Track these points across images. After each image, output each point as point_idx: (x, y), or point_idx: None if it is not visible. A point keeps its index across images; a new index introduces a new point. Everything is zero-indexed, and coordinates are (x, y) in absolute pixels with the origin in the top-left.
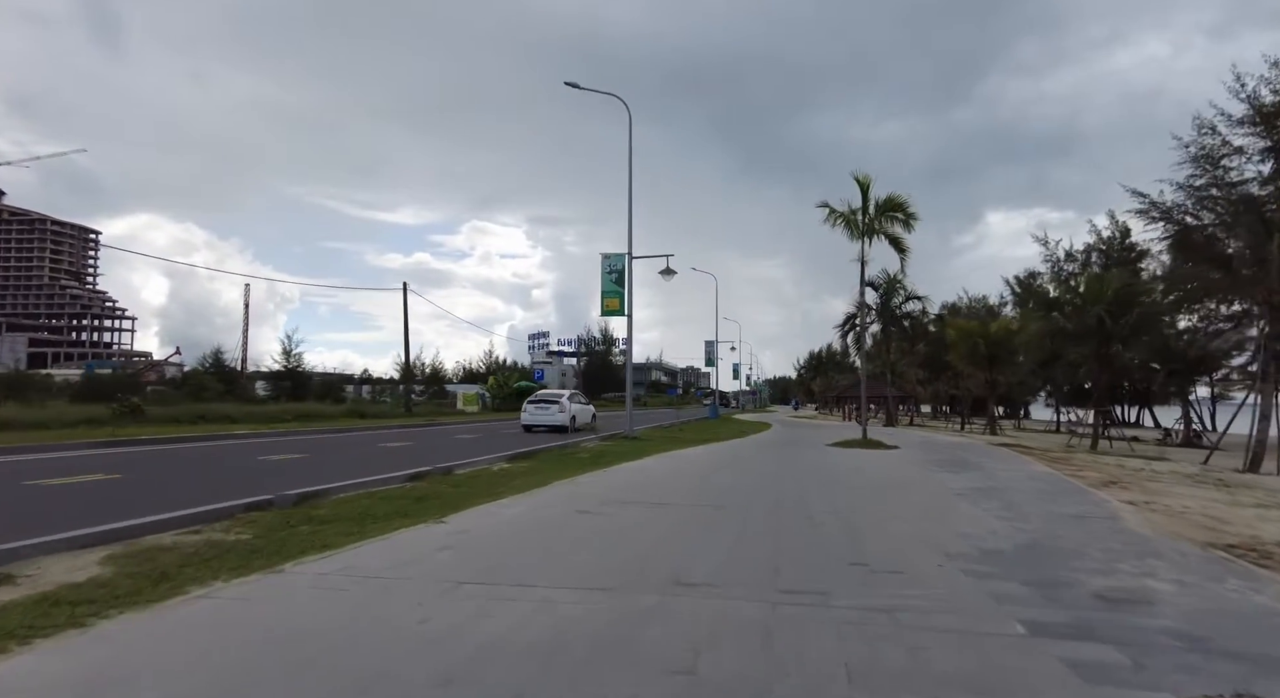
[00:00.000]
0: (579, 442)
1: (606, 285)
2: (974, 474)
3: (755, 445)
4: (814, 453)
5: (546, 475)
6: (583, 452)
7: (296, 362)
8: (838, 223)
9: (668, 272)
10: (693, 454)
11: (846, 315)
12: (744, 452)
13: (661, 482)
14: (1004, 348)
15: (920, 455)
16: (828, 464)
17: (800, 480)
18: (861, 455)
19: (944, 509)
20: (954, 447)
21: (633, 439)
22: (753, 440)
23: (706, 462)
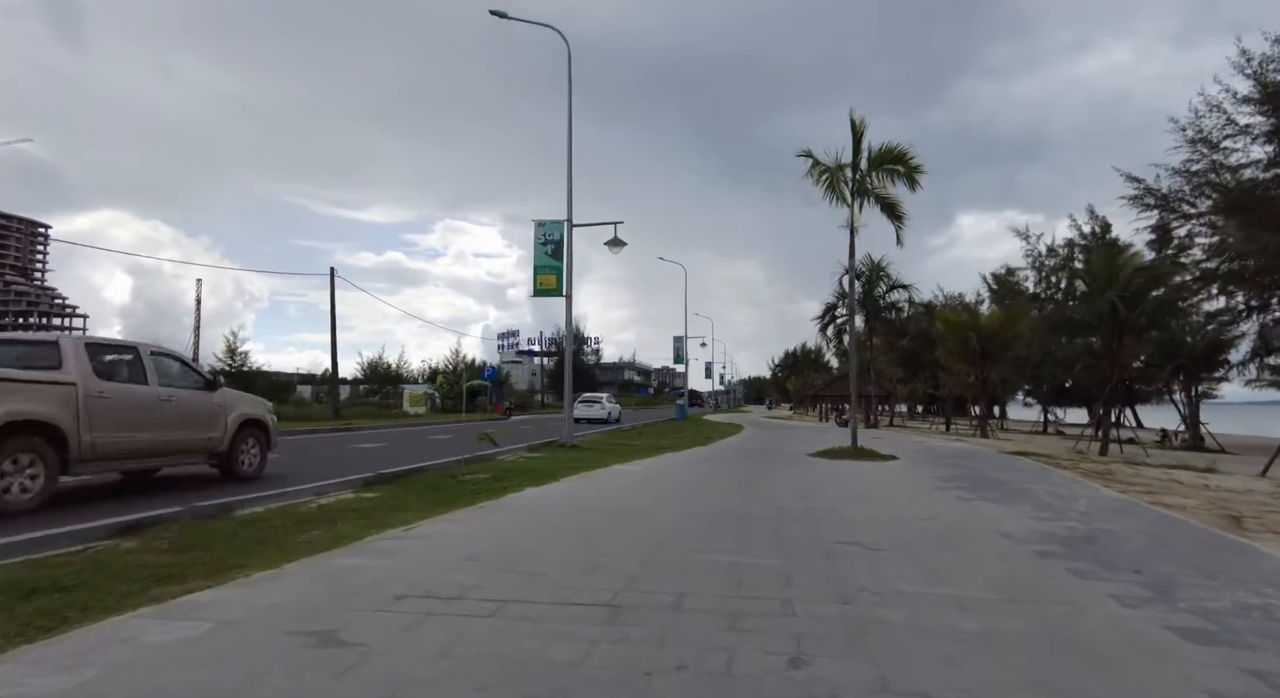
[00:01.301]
0: (495, 454)
1: (540, 259)
2: (1025, 505)
3: (720, 457)
4: (794, 470)
5: (361, 525)
6: (483, 471)
7: (242, 361)
8: (822, 180)
9: (616, 242)
10: (629, 473)
11: (826, 306)
12: (701, 469)
13: (541, 536)
14: (996, 342)
15: (930, 471)
16: (815, 491)
17: (778, 531)
18: (857, 472)
19: (1060, 609)
20: (962, 456)
21: (569, 449)
22: (719, 449)
23: (639, 489)
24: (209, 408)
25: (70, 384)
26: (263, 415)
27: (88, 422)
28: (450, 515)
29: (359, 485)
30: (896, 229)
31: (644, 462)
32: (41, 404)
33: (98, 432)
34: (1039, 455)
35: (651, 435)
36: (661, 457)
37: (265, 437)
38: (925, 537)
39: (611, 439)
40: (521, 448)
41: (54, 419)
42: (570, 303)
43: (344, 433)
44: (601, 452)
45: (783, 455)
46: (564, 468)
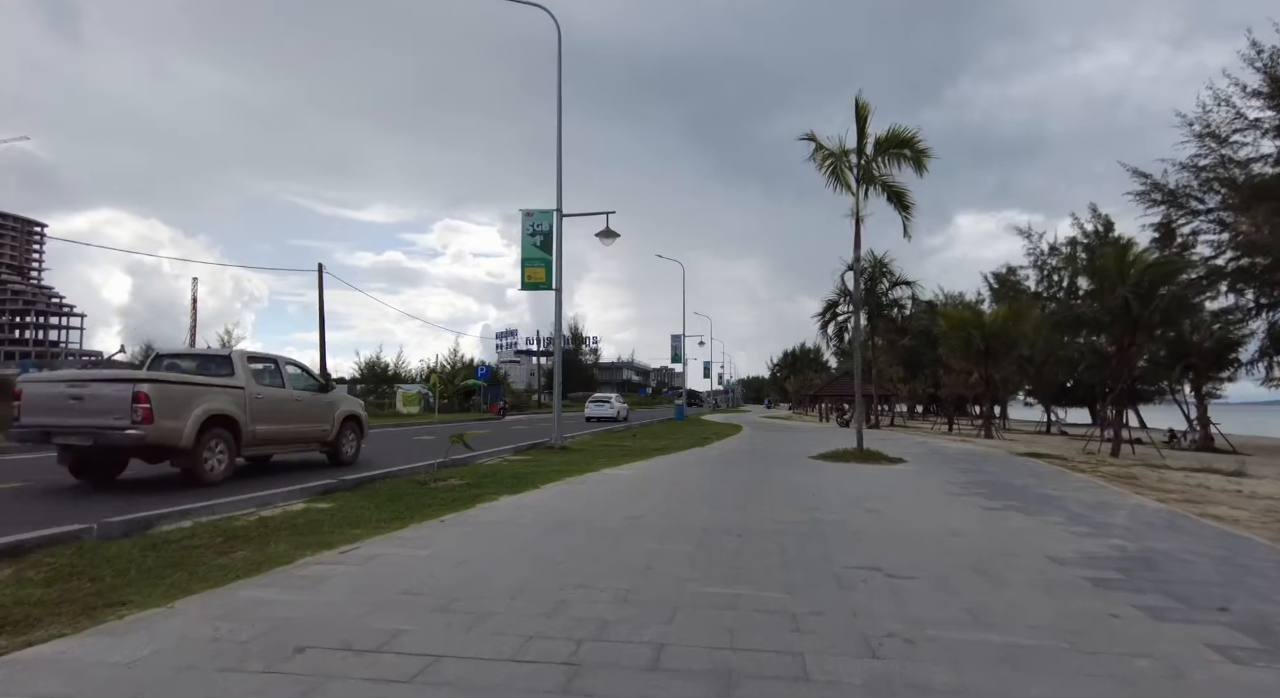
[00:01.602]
0: (475, 458)
1: (528, 250)
2: (1056, 516)
3: (716, 460)
4: (797, 475)
5: (296, 544)
6: (459, 477)
7: None
8: (825, 166)
9: (608, 233)
10: (617, 479)
11: (826, 303)
12: (696, 474)
13: (502, 561)
14: (1001, 340)
15: (944, 476)
16: (821, 500)
17: (781, 552)
18: (864, 477)
19: (1148, 666)
20: (974, 459)
21: (558, 451)
22: (716, 451)
23: (626, 498)
24: (323, 406)
25: (240, 388)
26: (359, 411)
27: (251, 416)
28: (404, 533)
29: (315, 494)
30: (904, 219)
31: (636, 465)
32: (226, 403)
33: (256, 424)
34: (1051, 457)
35: (647, 436)
36: (655, 460)
37: (360, 429)
38: (953, 559)
39: (605, 440)
40: (508, 450)
41: (233, 414)
42: (560, 296)
43: None
44: (592, 454)
45: (783, 458)
46: (548, 473)
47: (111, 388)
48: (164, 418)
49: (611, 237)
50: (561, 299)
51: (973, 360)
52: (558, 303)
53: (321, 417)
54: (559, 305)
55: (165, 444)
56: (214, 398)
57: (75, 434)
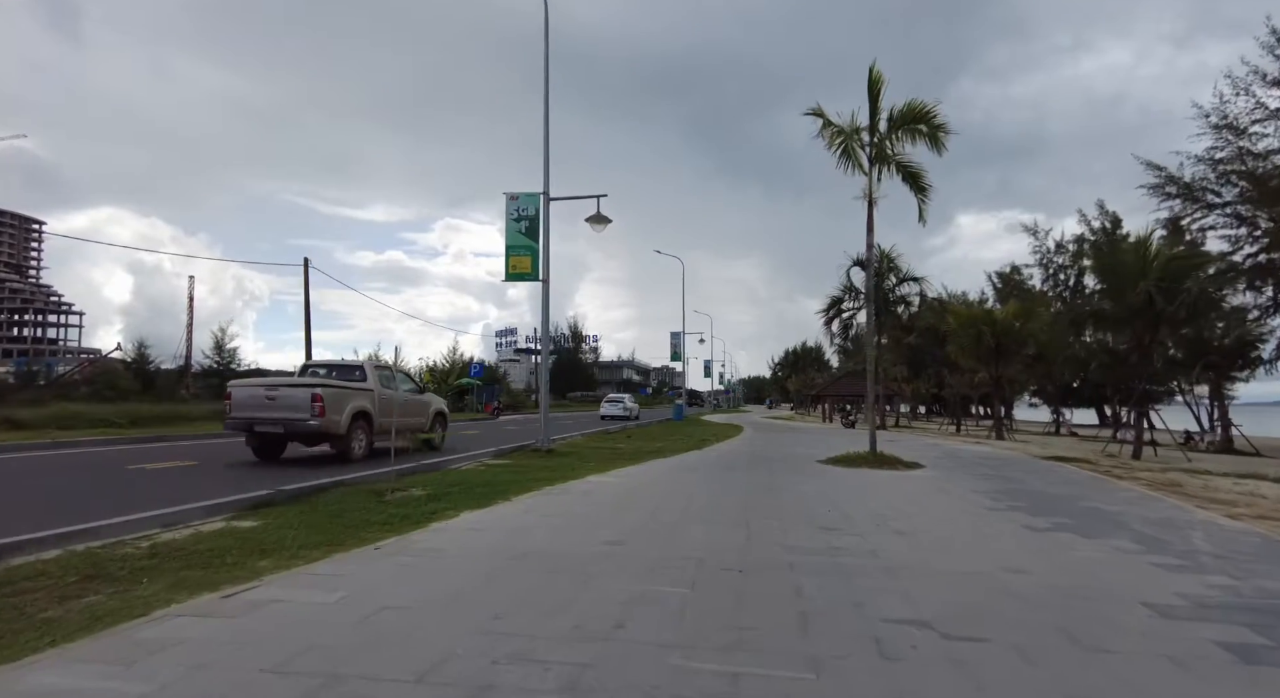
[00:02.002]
0: (450, 462)
1: (513, 237)
2: (1123, 540)
3: (716, 465)
4: (806, 484)
5: (175, 584)
6: (423, 485)
7: (230, 357)
8: (835, 144)
9: (599, 219)
10: (601, 489)
11: (831, 299)
12: (692, 483)
13: (426, 613)
14: (1013, 338)
15: (970, 484)
16: (839, 517)
17: (795, 596)
18: (883, 487)
19: None
20: (995, 464)
21: (543, 454)
22: (715, 454)
23: (606, 515)
24: (422, 403)
25: (371, 390)
26: (444, 408)
27: (378, 411)
28: (320, 566)
29: (243, 508)
30: (919, 202)
31: (626, 471)
32: (364, 402)
33: (381, 417)
34: (1077, 461)
35: (643, 437)
36: (648, 465)
37: (444, 421)
38: (1022, 609)
39: (597, 442)
40: (488, 453)
41: (369, 410)
42: (547, 288)
43: None
44: (580, 458)
45: (789, 463)
46: (526, 480)
47: (297, 391)
48: (331, 413)
49: (602, 222)
50: (549, 290)
51: (982, 359)
52: (545, 294)
53: (421, 412)
54: (546, 297)
55: (330, 432)
56: (358, 398)
57: (271, 425)
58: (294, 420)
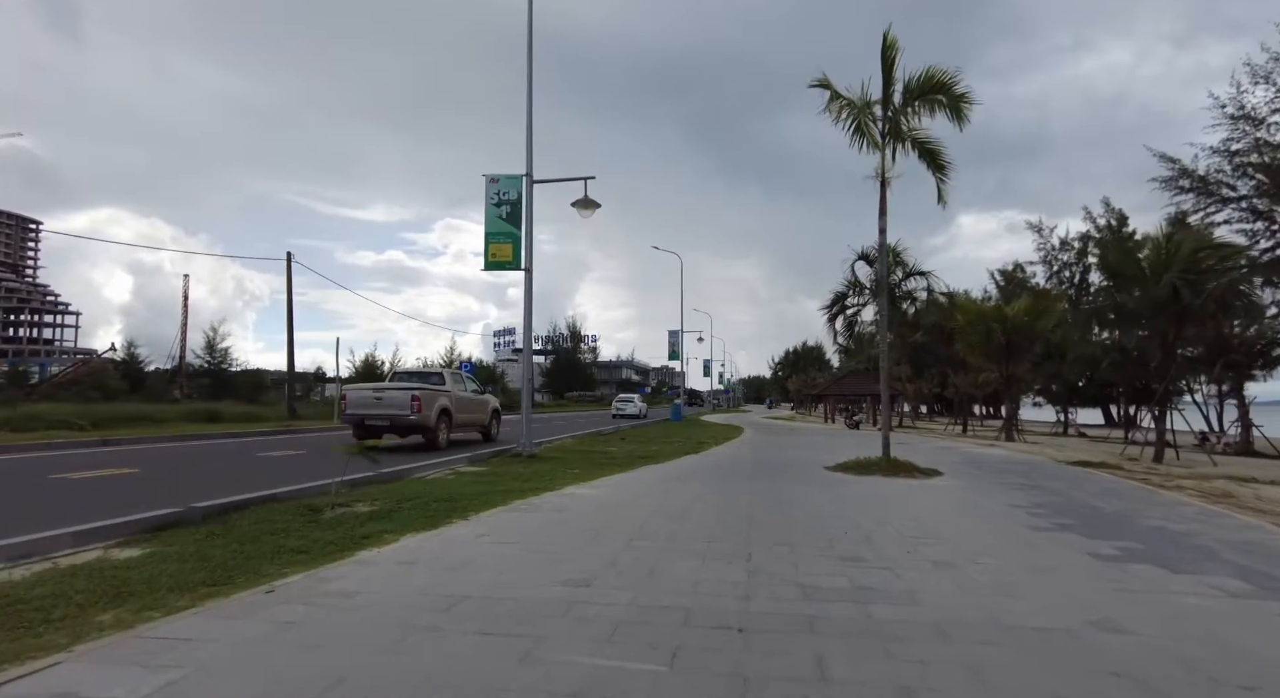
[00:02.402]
0: (416, 470)
1: (493, 223)
2: (1225, 576)
3: (714, 472)
4: (817, 497)
5: None
6: (372, 500)
7: (222, 357)
8: (844, 119)
9: (586, 203)
10: (578, 505)
11: (835, 295)
12: (685, 496)
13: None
14: (1024, 335)
15: (1002, 497)
16: (861, 543)
17: (820, 678)
18: (904, 500)
19: None
20: (1020, 470)
21: (524, 460)
22: (714, 459)
23: (577, 541)
24: (483, 402)
25: (449, 392)
26: (498, 406)
27: (455, 409)
28: (178, 622)
29: (138, 532)
30: (938, 182)
31: (612, 481)
32: (446, 401)
33: (457, 414)
34: (1106, 467)
35: (637, 439)
36: (638, 472)
37: (499, 417)
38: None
39: (586, 445)
40: (462, 459)
41: (450, 408)
42: (530, 278)
43: (276, 436)
44: (563, 464)
45: (795, 470)
46: (494, 492)
47: (400, 393)
48: (425, 410)
49: (590, 207)
50: (532, 281)
51: (992, 357)
52: (527, 285)
53: (482, 409)
54: (529, 287)
55: (424, 425)
56: (441, 398)
57: (379, 419)
58: (397, 416)
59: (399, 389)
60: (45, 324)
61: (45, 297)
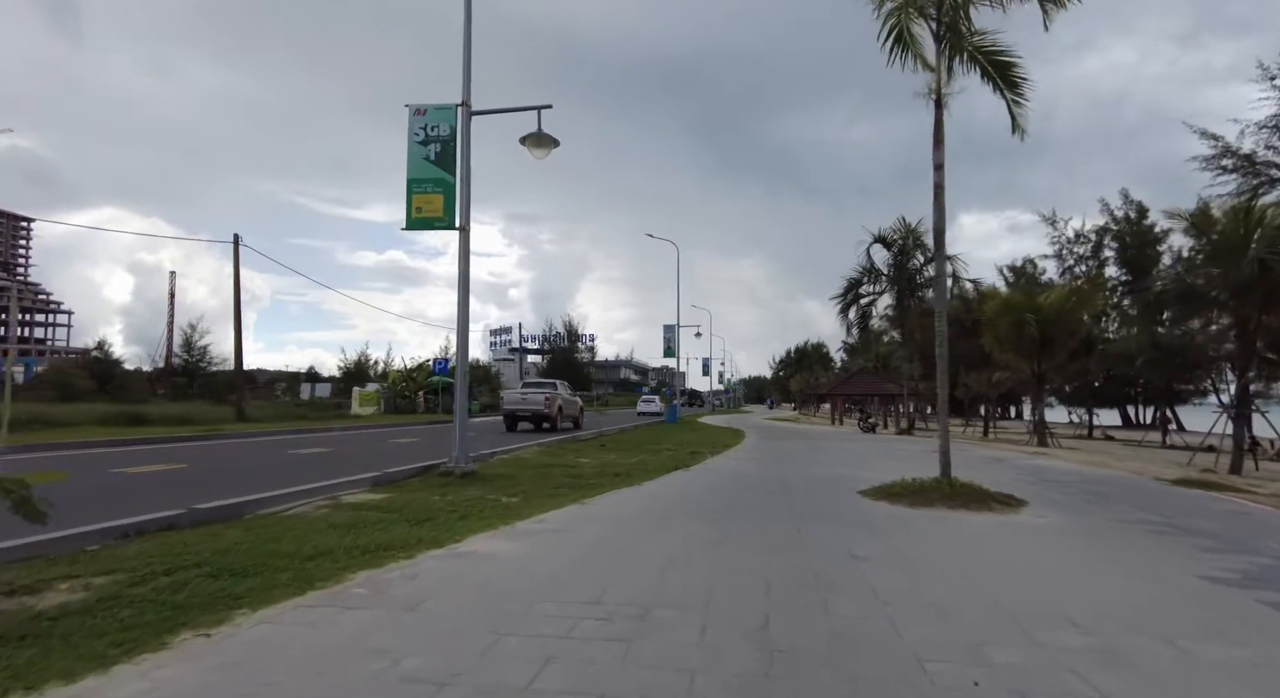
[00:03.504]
0: (299, 495)
1: (417, 167)
2: None
3: (705, 502)
4: (866, 551)
5: None
6: (105, 577)
7: (200, 355)
8: (884, 26)
9: (540, 140)
10: (473, 577)
11: (848, 282)
12: (654, 555)
13: None
14: (1061, 327)
15: (1170, 562)
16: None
17: None
18: (1010, 560)
19: None
20: (1124, 495)
21: (456, 479)
22: (707, 478)
23: (433, 681)
24: (575, 401)
25: (560, 393)
26: (582, 405)
27: (562, 406)
28: None
29: None
30: (1010, 105)
31: (553, 520)
32: (559, 400)
33: (565, 409)
34: (1214, 486)
35: (619, 447)
36: (600, 502)
37: (583, 412)
38: None
39: (553, 455)
40: (365, 480)
41: (563, 405)
42: (467, 238)
43: (194, 443)
44: (505, 487)
45: (820, 496)
46: (350, 549)
47: (537, 394)
48: (551, 406)
49: (545, 145)
50: (469, 244)
51: (1023, 352)
52: (463, 248)
53: (575, 407)
54: (465, 253)
55: (551, 415)
56: (557, 398)
57: (525, 414)
58: (535, 410)
59: (536, 393)
60: (37, 324)
61: (37, 296)
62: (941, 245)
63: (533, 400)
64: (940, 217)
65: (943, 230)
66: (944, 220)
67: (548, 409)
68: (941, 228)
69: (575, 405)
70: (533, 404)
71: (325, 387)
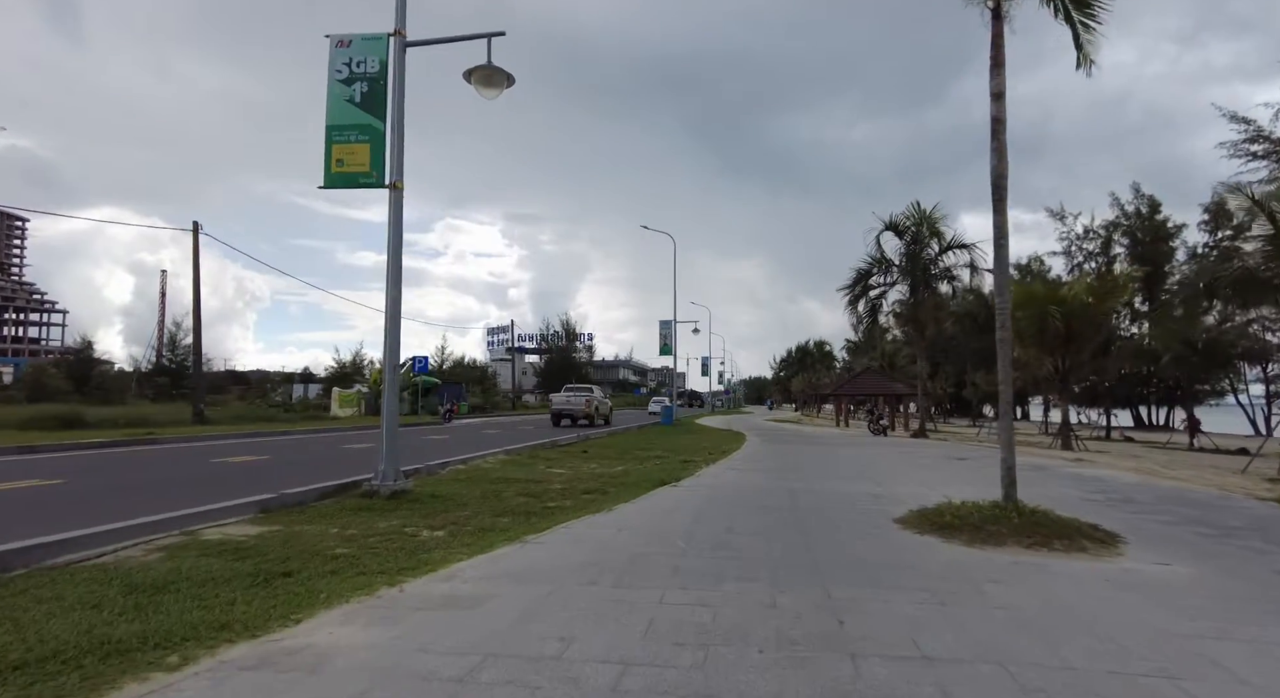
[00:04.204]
0: (126, 534)
1: (338, 110)
2: None
3: (694, 536)
4: (941, 645)
5: None
6: None
7: (185, 355)
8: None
9: (490, 74)
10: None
11: (857, 273)
12: (586, 679)
13: None
14: (1087, 320)
15: None
16: None
17: None
18: (1147, 651)
19: None
20: (1239, 523)
21: (383, 501)
22: (700, 497)
23: None
24: (605, 402)
25: (595, 396)
26: (611, 405)
27: (597, 407)
28: None
29: None
30: (1077, 29)
31: (471, 575)
32: (595, 401)
33: (599, 410)
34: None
35: (603, 455)
36: (547, 541)
37: (612, 412)
38: None
39: (518, 466)
40: (252, 505)
41: (598, 405)
42: (399, 197)
43: (108, 450)
44: (437, 513)
45: (845, 528)
46: (113, 648)
47: (580, 397)
48: (588, 407)
49: (496, 83)
50: (401, 204)
51: (1047, 347)
52: (394, 210)
53: (606, 406)
54: (396, 216)
55: (589, 415)
56: (594, 401)
57: (569, 413)
58: (577, 410)
59: (578, 397)
60: (31, 323)
61: (31, 295)
62: (1003, 196)
63: (575, 402)
64: (1001, 160)
65: (1004, 176)
66: (1005, 164)
67: (586, 408)
68: (1003, 174)
69: (607, 406)
70: (575, 405)
71: (317, 387)
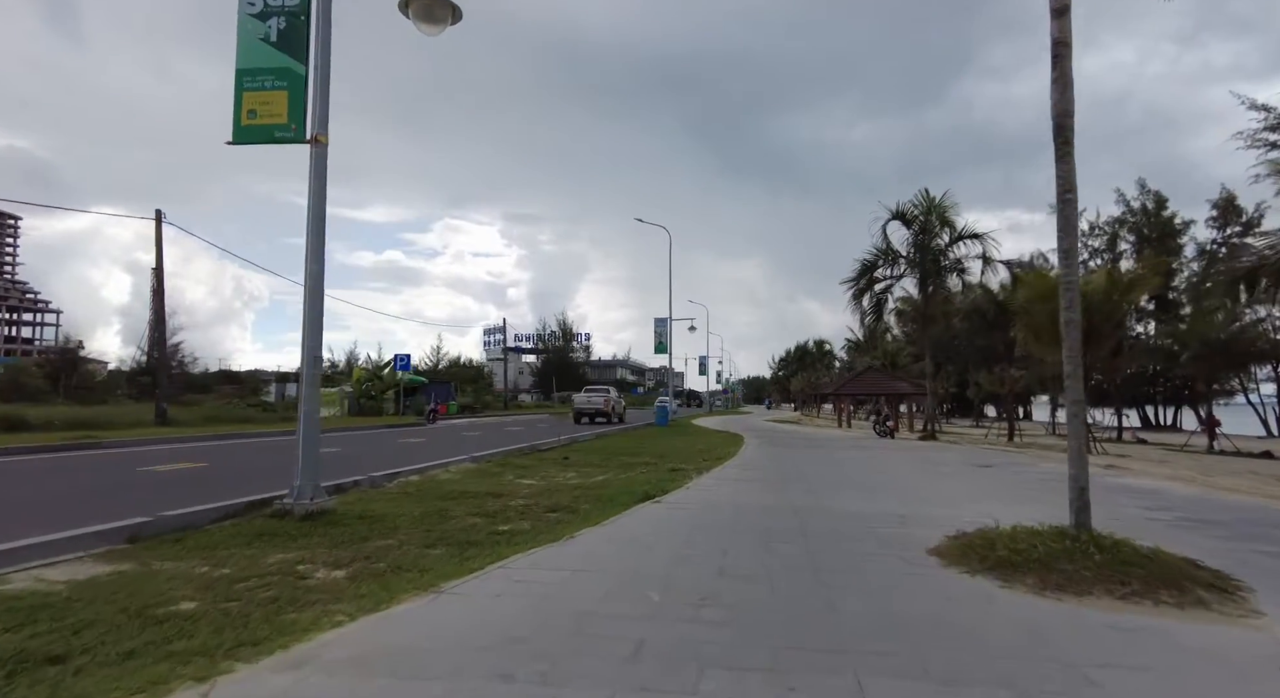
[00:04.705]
0: None
1: (250, 51)
2: None
3: (656, 599)
4: None
5: None
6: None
7: (172, 353)
8: None
9: (429, 4)
10: None
11: (862, 265)
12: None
13: None
14: (1107, 315)
15: None
16: None
17: None
18: None
19: None
20: None
21: (296, 523)
22: (689, 518)
23: None
24: (620, 400)
25: (612, 395)
26: (624, 402)
27: (616, 404)
28: None
29: None
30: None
31: (334, 652)
32: (613, 400)
33: (615, 408)
34: None
35: (585, 461)
36: (472, 590)
37: (625, 409)
38: None
39: (485, 475)
40: (120, 533)
41: (616, 403)
42: (323, 152)
43: (23, 456)
44: (353, 542)
45: (870, 571)
46: None
47: (600, 395)
48: (607, 405)
49: (440, 15)
50: (325, 160)
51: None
52: (316, 168)
53: (621, 404)
54: (319, 175)
55: (608, 412)
56: (611, 400)
57: (591, 412)
58: (598, 409)
59: (598, 396)
60: (24, 323)
61: (24, 294)
62: (1068, 138)
63: (595, 401)
64: (1064, 94)
65: (1069, 115)
66: (1070, 99)
67: (605, 406)
68: (1066, 111)
69: (621, 404)
70: (595, 404)
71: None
